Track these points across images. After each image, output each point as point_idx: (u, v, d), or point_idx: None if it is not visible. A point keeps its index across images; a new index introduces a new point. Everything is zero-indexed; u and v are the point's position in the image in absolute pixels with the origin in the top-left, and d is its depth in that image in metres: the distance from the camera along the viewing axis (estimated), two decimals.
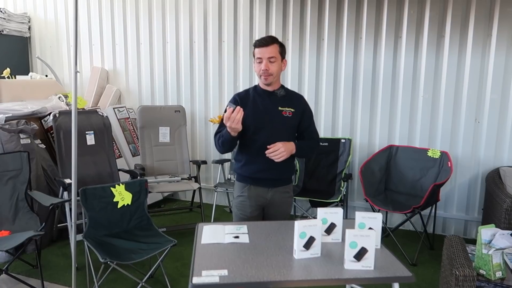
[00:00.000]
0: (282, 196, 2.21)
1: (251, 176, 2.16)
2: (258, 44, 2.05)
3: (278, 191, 2.19)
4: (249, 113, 2.06)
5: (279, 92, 2.16)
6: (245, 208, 2.18)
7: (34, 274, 2.92)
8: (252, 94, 2.17)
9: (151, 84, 4.67)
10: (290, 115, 2.14)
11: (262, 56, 2.04)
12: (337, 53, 3.93)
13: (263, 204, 2.20)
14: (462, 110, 3.63)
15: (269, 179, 2.15)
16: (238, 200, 2.21)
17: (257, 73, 2.11)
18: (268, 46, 2.03)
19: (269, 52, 2.03)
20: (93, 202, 2.61)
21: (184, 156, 4.10)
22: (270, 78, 2.08)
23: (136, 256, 2.45)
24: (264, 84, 2.12)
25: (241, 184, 2.21)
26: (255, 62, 2.10)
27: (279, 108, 2.13)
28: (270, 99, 2.14)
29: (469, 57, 3.54)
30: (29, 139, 3.35)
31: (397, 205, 3.46)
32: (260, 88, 2.17)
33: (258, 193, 2.17)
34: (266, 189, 2.17)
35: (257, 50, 2.05)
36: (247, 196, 2.17)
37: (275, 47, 2.06)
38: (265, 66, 2.03)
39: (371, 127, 3.93)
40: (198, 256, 1.63)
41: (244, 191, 2.18)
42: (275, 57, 2.05)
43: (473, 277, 1.86)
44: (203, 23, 4.35)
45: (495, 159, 3.59)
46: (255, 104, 2.13)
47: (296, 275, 1.49)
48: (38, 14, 5.06)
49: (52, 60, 5.04)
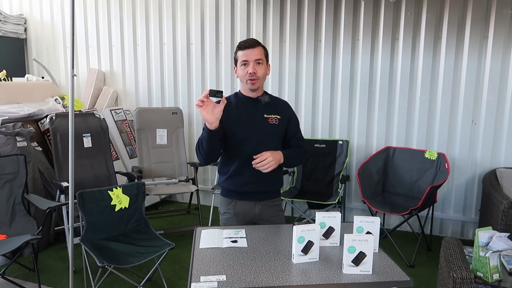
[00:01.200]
0: (272, 210, 2.08)
1: (236, 190, 2.02)
2: (243, 46, 1.90)
3: (266, 204, 2.06)
4: (233, 122, 1.95)
5: (263, 99, 2.02)
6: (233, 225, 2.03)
7: (31, 278, 2.90)
8: (234, 101, 2.02)
9: (148, 86, 4.66)
10: (276, 122, 2.00)
11: (248, 59, 1.89)
12: (334, 55, 3.93)
13: (252, 219, 2.06)
14: (459, 111, 3.65)
15: (256, 192, 2.02)
16: (225, 218, 2.07)
17: (241, 78, 1.95)
18: (254, 48, 1.90)
19: (256, 54, 1.90)
20: (90, 205, 2.60)
21: (182, 158, 4.09)
22: (257, 83, 1.93)
23: (133, 260, 2.44)
24: (251, 89, 1.97)
25: (226, 199, 2.07)
26: (238, 67, 1.94)
27: (265, 115, 1.99)
28: (255, 107, 2.00)
29: (466, 59, 3.55)
30: (26, 142, 3.33)
31: (394, 206, 3.47)
32: (242, 95, 2.03)
33: (245, 208, 2.03)
34: (254, 203, 2.03)
35: (242, 53, 1.90)
36: (234, 214, 2.04)
37: (261, 49, 1.93)
38: (252, 69, 1.89)
39: (369, 129, 3.93)
40: (196, 261, 1.62)
41: (230, 208, 2.05)
42: (262, 59, 1.92)
43: (471, 279, 1.87)
44: (200, 24, 4.34)
45: (492, 160, 3.61)
46: (239, 112, 1.98)
47: (294, 280, 1.49)
48: (34, 16, 5.04)
49: (48, 62, 5.02)
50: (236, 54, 1.95)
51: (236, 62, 1.96)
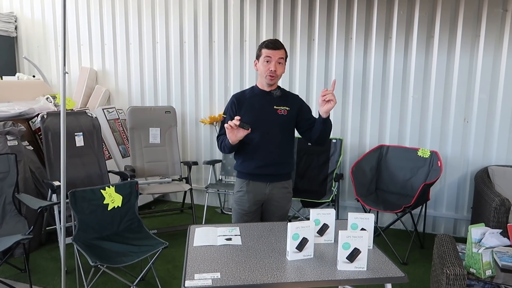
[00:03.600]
0: (280, 192, 2.26)
1: (250, 172, 2.23)
2: (271, 46, 2.14)
3: (276, 186, 2.25)
4: (245, 113, 2.18)
5: (275, 93, 2.24)
6: (244, 203, 2.24)
7: (23, 279, 2.87)
8: (248, 94, 2.26)
9: (141, 84, 4.63)
10: (285, 113, 2.21)
11: (272, 57, 2.13)
12: (327, 54, 3.94)
13: (262, 199, 2.26)
14: (451, 110, 3.67)
15: (267, 174, 2.22)
16: (237, 195, 2.28)
17: (262, 73, 2.18)
18: (279, 49, 2.15)
19: (279, 54, 2.15)
20: (82, 204, 2.58)
21: (175, 157, 4.07)
22: (275, 79, 2.18)
23: (126, 259, 2.42)
24: (268, 84, 2.20)
25: (241, 180, 2.28)
26: (260, 61, 2.17)
27: (275, 107, 2.21)
28: (266, 99, 2.22)
29: (458, 57, 3.58)
30: (17, 141, 3.29)
31: (388, 204, 3.48)
32: (258, 88, 2.26)
33: (257, 188, 2.23)
34: (265, 184, 2.23)
35: (268, 51, 2.14)
36: (246, 191, 2.24)
37: (283, 52, 2.18)
38: (274, 67, 2.13)
39: (362, 127, 3.95)
40: (191, 259, 1.61)
41: (243, 186, 2.26)
42: (283, 59, 2.17)
43: (464, 275, 1.88)
44: (194, 23, 4.32)
45: (483, 158, 3.64)
46: (251, 104, 2.22)
47: (289, 277, 1.48)
48: (25, 14, 4.98)
49: (39, 61, 4.97)
50: (260, 50, 2.18)
51: (258, 57, 2.20)
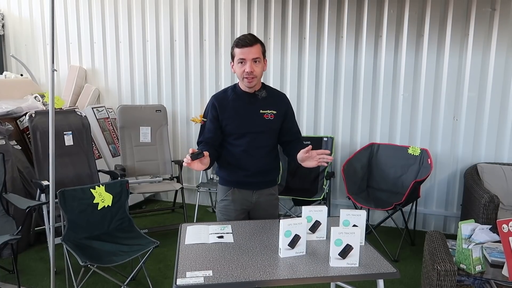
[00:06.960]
0: (267, 199, 2.12)
1: (236, 180, 2.07)
2: (241, 44, 1.88)
3: (263, 193, 2.10)
4: (229, 118, 1.98)
5: (260, 94, 2.02)
6: (229, 212, 2.08)
7: (11, 280, 2.82)
8: (231, 95, 2.02)
9: (131, 83, 4.59)
10: (272, 118, 2.02)
11: (246, 57, 1.88)
12: (318, 52, 3.94)
13: (248, 207, 2.11)
14: (441, 108, 3.70)
15: (255, 182, 2.06)
16: (222, 205, 2.10)
17: (238, 75, 1.95)
18: (252, 46, 1.87)
19: (254, 53, 1.88)
20: (72, 204, 2.54)
21: (166, 156, 4.04)
22: (254, 81, 1.93)
23: (117, 259, 2.39)
24: (248, 87, 1.97)
25: (225, 187, 2.10)
26: (235, 63, 1.94)
27: (261, 111, 2.01)
28: (251, 102, 2.00)
29: (447, 56, 3.61)
30: (4, 140, 3.24)
31: (379, 202, 3.50)
32: (240, 89, 2.02)
33: (243, 196, 2.07)
34: (251, 192, 2.07)
35: (240, 51, 1.88)
36: (231, 200, 2.07)
37: (259, 47, 1.90)
38: (250, 68, 1.88)
39: (353, 125, 3.96)
40: (182, 257, 1.60)
41: (228, 194, 2.08)
42: (259, 58, 1.90)
43: (454, 271, 1.89)
44: (184, 21, 4.30)
45: (473, 155, 3.68)
46: (235, 107, 2.00)
47: (281, 274, 1.48)
48: (12, 11, 4.90)
49: (27, 59, 4.89)
50: (233, 50, 1.93)
51: (232, 57, 1.95)
